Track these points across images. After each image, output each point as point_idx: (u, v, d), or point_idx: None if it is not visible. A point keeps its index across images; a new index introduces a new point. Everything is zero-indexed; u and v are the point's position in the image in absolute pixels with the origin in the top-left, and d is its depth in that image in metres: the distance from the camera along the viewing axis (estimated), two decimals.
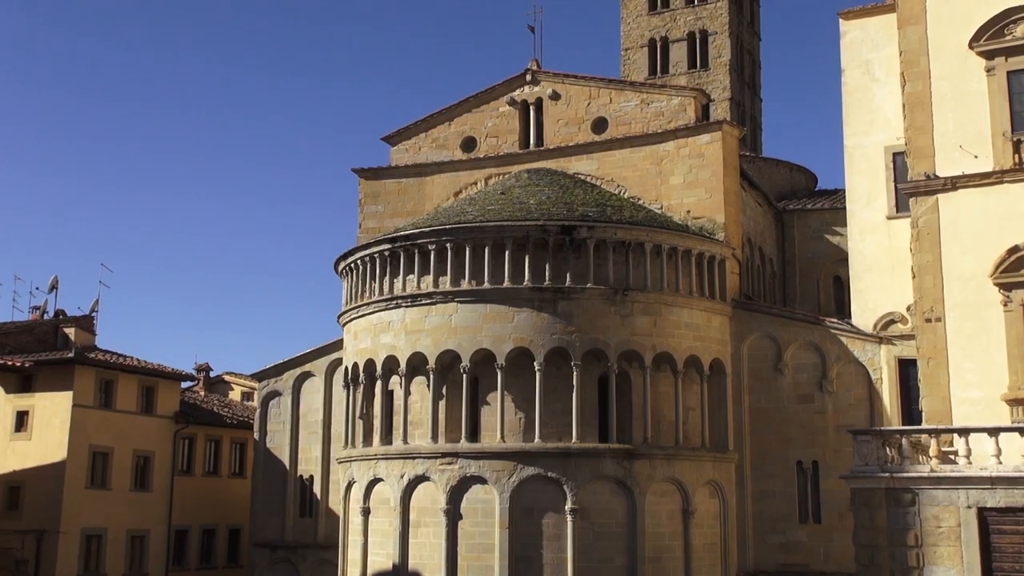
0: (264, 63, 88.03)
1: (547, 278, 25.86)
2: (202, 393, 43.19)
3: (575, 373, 25.43)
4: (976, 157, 22.36)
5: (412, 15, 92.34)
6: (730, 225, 28.80)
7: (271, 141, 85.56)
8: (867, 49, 27.43)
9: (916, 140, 23.02)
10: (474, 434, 26.13)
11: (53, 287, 36.22)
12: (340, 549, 28.55)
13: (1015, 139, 22.16)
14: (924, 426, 21.20)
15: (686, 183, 29.19)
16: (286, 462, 32.76)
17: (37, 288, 37.20)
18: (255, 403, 35.50)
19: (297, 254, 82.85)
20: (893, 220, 26.60)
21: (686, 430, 26.68)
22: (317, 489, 32.14)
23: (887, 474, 19.15)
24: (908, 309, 25.85)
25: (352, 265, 28.92)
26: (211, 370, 46.14)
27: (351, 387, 28.77)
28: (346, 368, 29.13)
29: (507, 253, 26.03)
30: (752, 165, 37.15)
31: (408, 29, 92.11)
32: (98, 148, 78.01)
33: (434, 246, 26.68)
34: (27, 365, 31.69)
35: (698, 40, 46.32)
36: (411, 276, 27.19)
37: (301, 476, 32.57)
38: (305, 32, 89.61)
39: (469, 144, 32.86)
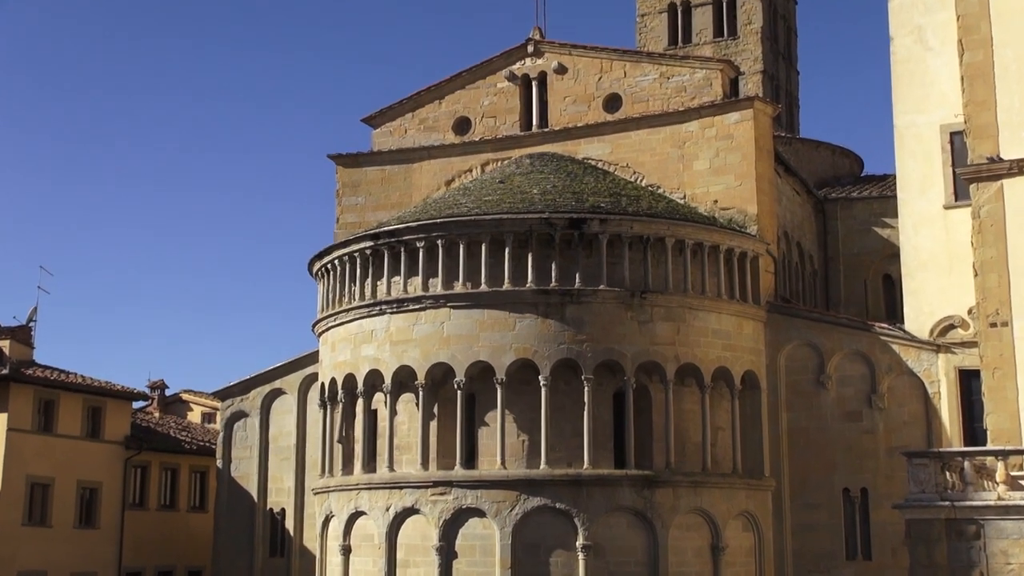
0: (225, 35, 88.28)
1: (553, 279, 25.86)
2: (156, 415, 43.20)
3: (586, 388, 25.43)
4: None
5: None
6: (763, 217, 28.81)
7: (233, 124, 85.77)
8: (919, 13, 27.45)
9: (977, 117, 22.98)
10: (470, 460, 26.11)
11: None
12: None
13: None
14: (990, 447, 21.16)
15: (712, 169, 29.19)
16: (254, 493, 32.75)
17: None
18: (218, 425, 35.47)
19: (265, 254, 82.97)
20: (951, 210, 26.58)
21: (715, 453, 26.65)
22: (290, 524, 32.14)
23: (947, 503, 19.08)
24: (970, 312, 25.81)
25: (329, 266, 28.91)
26: (167, 388, 46.15)
27: (328, 406, 28.76)
28: (322, 384, 29.12)
29: (507, 251, 26.04)
30: (788, 148, 37.16)
31: None
32: (32, 134, 78.19)
33: (423, 243, 26.70)
34: None
35: (725, 4, 46.31)
36: (397, 278, 27.19)
37: (271, 509, 32.56)
38: None
39: (463, 125, 32.86)
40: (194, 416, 47.09)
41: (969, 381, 25.97)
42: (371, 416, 27.79)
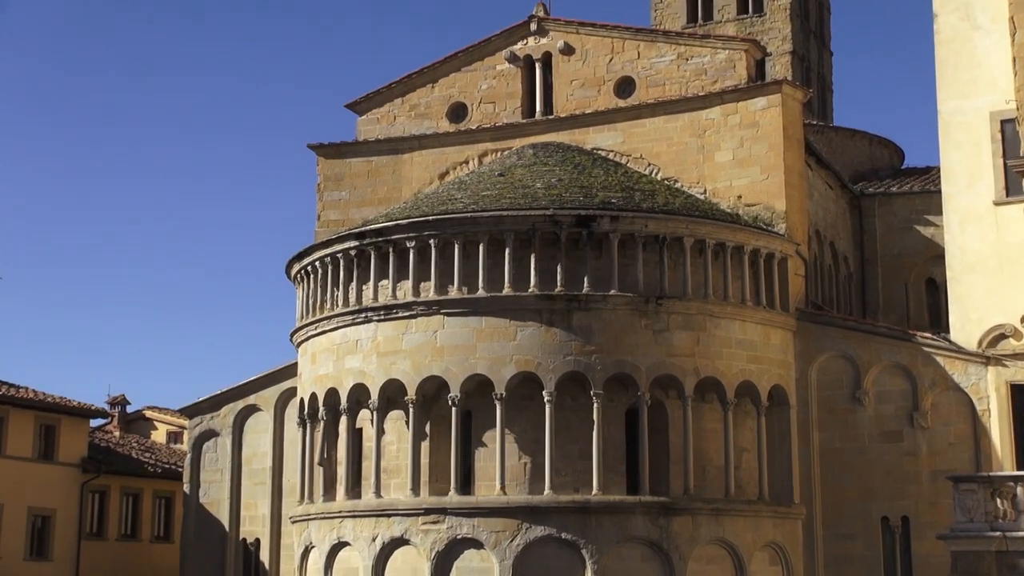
0: (192, 9, 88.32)
1: (559, 283, 25.87)
2: (117, 434, 43.23)
3: (595, 405, 25.43)
4: None
5: None
6: (793, 214, 28.83)
7: (202, 110, 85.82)
8: None
9: None
10: (466, 485, 26.09)
11: None
12: None
13: None
14: None
15: (736, 160, 29.21)
16: (225, 522, 32.75)
17: None
18: (185, 446, 35.51)
19: (238, 255, 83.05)
20: (1002, 206, 26.60)
21: (739, 478, 26.63)
22: (265, 556, 32.13)
23: (998, 533, 19.09)
24: (1023, 320, 25.81)
25: (309, 268, 28.93)
26: (128, 404, 46.24)
27: (308, 425, 28.77)
28: (301, 400, 29.14)
29: (507, 252, 26.05)
30: (821, 137, 37.17)
31: None
32: None
33: (414, 243, 26.71)
34: None
35: None
36: (384, 282, 27.20)
37: (244, 539, 32.56)
38: None
39: (458, 112, 32.90)
40: (159, 435, 47.14)
41: (1022, 397, 25.94)
42: (356, 436, 27.78)
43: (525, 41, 32.28)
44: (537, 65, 32.20)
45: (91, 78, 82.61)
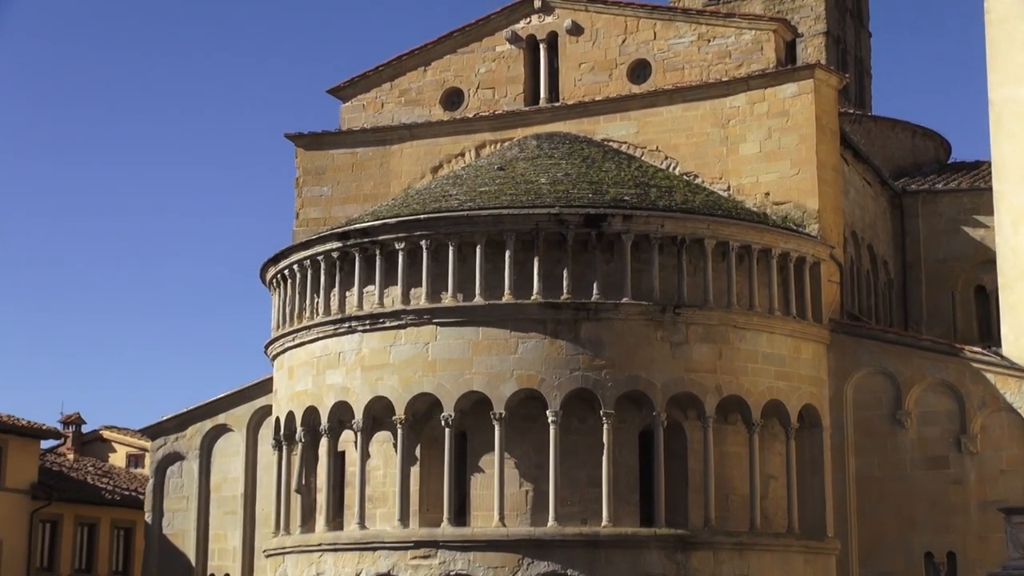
0: None
1: (565, 290, 25.89)
2: (71, 457, 43.23)
3: (605, 426, 25.45)
4: None
5: None
6: (827, 213, 28.85)
7: (167, 94, 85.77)
8: None
9: None
10: (461, 515, 26.09)
11: None
12: None
13: None
14: None
15: (763, 154, 29.24)
16: (191, 555, 32.74)
17: None
18: (147, 470, 35.46)
19: (207, 258, 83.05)
20: None
21: (765, 508, 26.63)
22: None
23: None
24: None
25: (286, 272, 28.95)
26: (83, 423, 46.21)
27: (284, 447, 28.79)
28: (277, 420, 29.15)
29: (507, 254, 26.08)
30: (858, 127, 37.18)
31: None
32: None
33: (403, 244, 26.74)
34: None
35: None
36: (370, 288, 27.22)
37: (213, 575, 32.52)
38: None
39: (453, 98, 32.96)
40: (117, 459, 47.09)
41: None
42: (338, 460, 27.78)
43: (528, 20, 32.33)
44: (541, 46, 32.24)
45: (32, 58, 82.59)
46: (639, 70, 31.27)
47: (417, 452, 26.73)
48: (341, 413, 27.26)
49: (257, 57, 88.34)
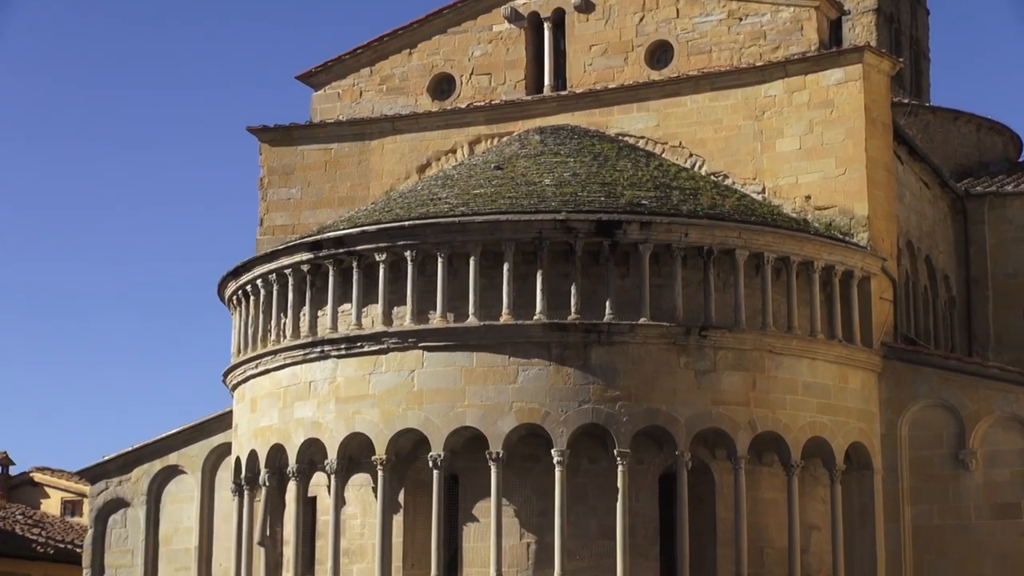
0: None
1: (573, 308, 25.90)
2: None
3: (620, 468, 25.45)
4: None
5: None
6: (878, 220, 28.89)
7: (109, 81, 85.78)
8: None
9: None
10: (451, 571, 26.10)
11: None
12: None
13: None
14: None
15: (804, 150, 29.28)
16: None
17: None
18: (86, 519, 35.36)
19: (155, 272, 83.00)
20: None
21: (807, 564, 26.62)
22: None
23: None
24: None
25: (248, 288, 28.98)
26: (11, 464, 46.13)
27: (245, 492, 28.79)
28: (237, 460, 29.15)
29: (506, 267, 26.10)
30: (915, 120, 37.22)
31: None
32: None
33: (384, 256, 26.76)
34: None
35: None
36: (346, 306, 27.24)
37: None
38: None
39: (443, 86, 33.04)
40: (51, 505, 47.01)
41: None
42: (308, 507, 27.77)
43: None
44: (546, 25, 32.33)
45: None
46: (659, 53, 31.33)
47: (400, 498, 26.71)
48: (312, 452, 27.23)
49: (214, 36, 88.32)
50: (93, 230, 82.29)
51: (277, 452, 27.75)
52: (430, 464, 25.87)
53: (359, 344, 26.74)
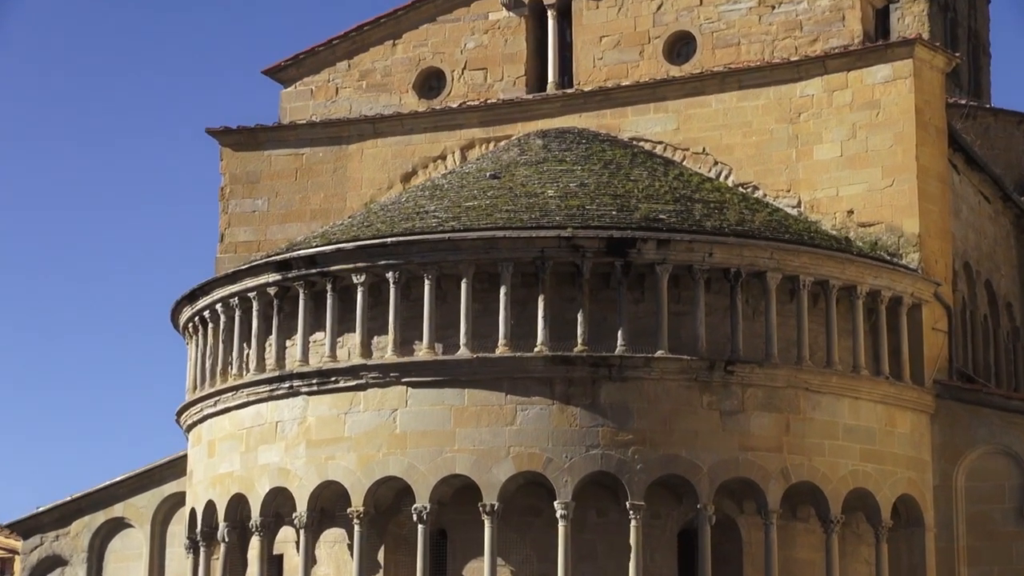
0: None
1: (580, 339, 25.91)
2: None
3: (634, 523, 25.40)
4: None
5: None
6: (931, 239, 28.93)
7: (52, 78, 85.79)
8: None
9: None
10: None
11: None
12: None
13: None
14: None
15: (846, 158, 29.32)
16: None
17: None
18: None
19: (99, 296, 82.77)
20: None
21: None
22: None
23: None
24: None
25: (207, 314, 28.99)
26: None
27: (201, 548, 28.73)
28: (192, 512, 29.11)
29: (503, 292, 26.10)
30: (973, 124, 37.20)
31: None
32: None
33: (363, 277, 26.77)
34: None
35: None
36: (319, 335, 27.25)
37: None
38: None
39: (432, 82, 33.13)
40: None
41: None
42: (273, 566, 27.73)
43: None
44: (550, 13, 32.41)
45: None
46: (680, 46, 31.40)
47: (380, 557, 26.67)
48: (279, 503, 27.20)
49: (171, 24, 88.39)
50: (24, 245, 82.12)
51: (238, 503, 27.69)
52: (414, 517, 25.82)
53: (333, 379, 26.71)
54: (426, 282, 26.32)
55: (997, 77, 48.70)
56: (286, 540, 27.55)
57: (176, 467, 31.48)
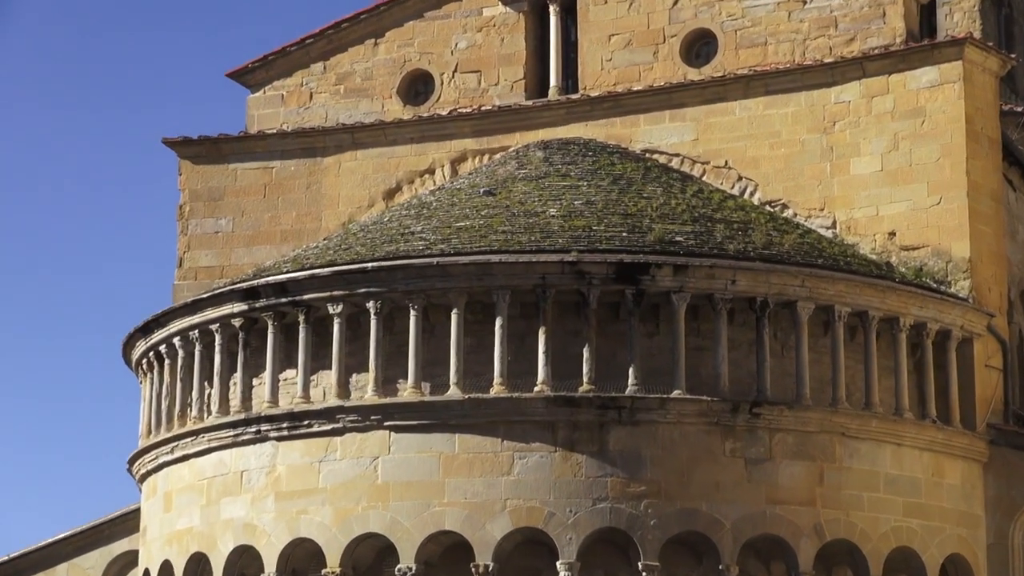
0: None
1: (586, 377, 25.91)
2: None
3: None
4: None
5: None
6: (983, 264, 28.95)
7: None
8: None
9: None
10: None
11: None
12: None
13: None
14: None
15: (886, 173, 29.35)
16: None
17: None
18: None
19: (41, 328, 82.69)
20: None
21: None
22: None
23: None
24: None
25: (162, 350, 29.02)
26: None
27: None
28: (146, 573, 29.11)
29: (498, 323, 26.11)
30: None
31: None
32: None
33: (340, 308, 26.77)
34: None
35: None
36: (290, 373, 27.28)
37: None
38: None
39: (418, 87, 33.26)
40: None
41: None
42: None
43: None
44: (552, 9, 32.55)
45: None
46: (699, 46, 31.51)
47: None
48: (244, 564, 27.17)
49: (126, 23, 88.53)
50: None
51: (198, 563, 27.69)
52: None
53: (306, 422, 26.69)
54: (412, 313, 26.32)
55: None
56: None
57: (128, 522, 31.47)
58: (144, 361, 29.63)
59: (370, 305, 26.53)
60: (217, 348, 27.91)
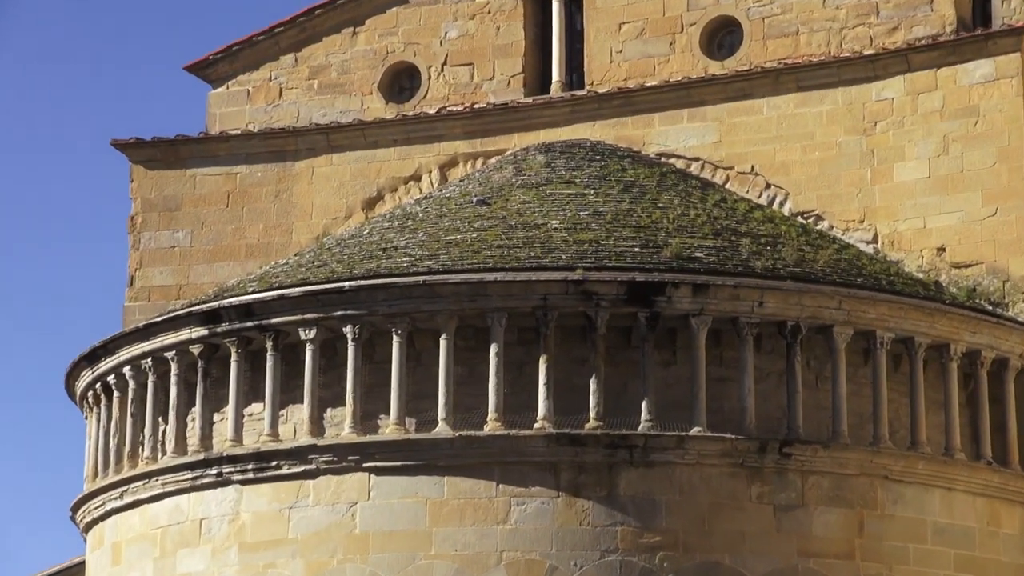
0: None
1: (593, 412, 25.90)
2: None
3: None
4: None
5: None
6: None
7: None
8: None
9: None
10: None
11: None
12: None
13: None
14: None
15: (934, 180, 29.45)
16: None
17: None
18: None
19: None
20: None
21: None
22: None
23: None
24: None
25: (111, 381, 29.05)
26: None
27: None
28: None
29: (493, 350, 26.14)
30: None
31: None
32: None
33: (314, 333, 26.78)
34: None
35: None
36: (256, 407, 27.34)
37: None
38: None
39: (403, 82, 33.46)
40: None
41: None
42: None
43: None
44: None
45: None
46: (722, 36, 31.66)
47: None
48: None
49: (75, 12, 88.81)
50: None
51: None
52: None
53: (275, 463, 26.67)
54: (395, 339, 26.32)
55: None
56: None
57: None
58: (90, 394, 29.62)
59: (347, 330, 26.51)
60: (173, 379, 27.92)
